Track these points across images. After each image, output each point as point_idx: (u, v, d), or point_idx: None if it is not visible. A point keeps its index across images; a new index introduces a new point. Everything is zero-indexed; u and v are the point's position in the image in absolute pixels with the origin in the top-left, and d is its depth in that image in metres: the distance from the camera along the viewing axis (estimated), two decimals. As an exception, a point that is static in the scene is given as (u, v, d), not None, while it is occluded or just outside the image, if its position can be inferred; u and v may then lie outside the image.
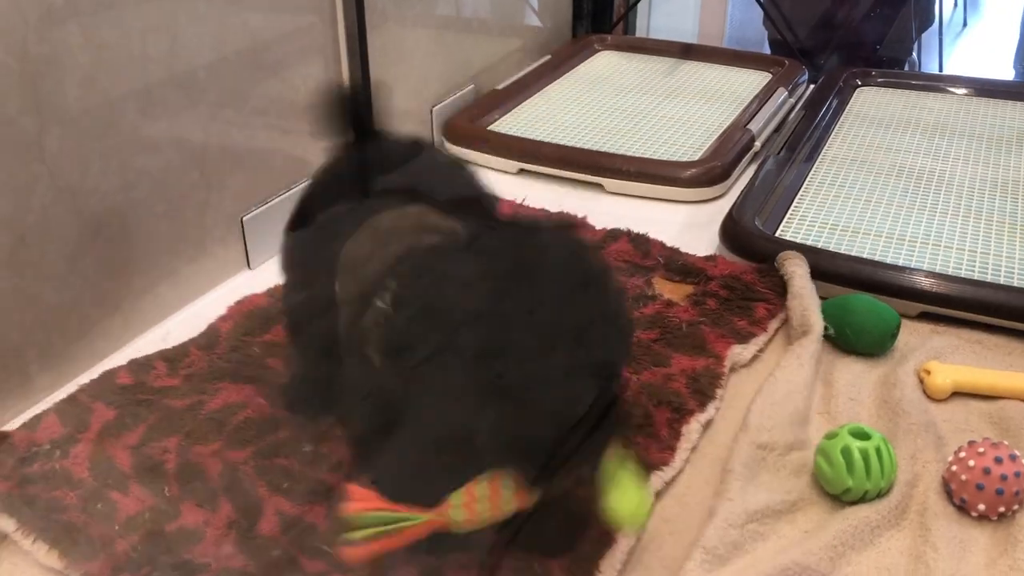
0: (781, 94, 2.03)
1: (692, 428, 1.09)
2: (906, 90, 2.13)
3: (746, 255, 1.42)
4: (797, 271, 1.33)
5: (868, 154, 1.79)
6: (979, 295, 1.25)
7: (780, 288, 1.34)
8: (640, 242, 1.48)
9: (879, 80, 2.17)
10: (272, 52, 1.45)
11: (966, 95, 2.08)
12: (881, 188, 1.65)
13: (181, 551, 0.92)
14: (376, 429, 0.78)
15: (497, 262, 0.69)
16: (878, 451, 0.98)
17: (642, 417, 1.10)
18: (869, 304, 1.24)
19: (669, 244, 1.49)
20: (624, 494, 0.73)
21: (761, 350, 1.25)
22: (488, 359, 0.65)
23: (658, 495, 1.01)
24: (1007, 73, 3.16)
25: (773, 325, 1.28)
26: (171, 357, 1.22)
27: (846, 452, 0.98)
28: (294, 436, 1.08)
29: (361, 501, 0.72)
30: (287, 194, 1.52)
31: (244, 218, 1.46)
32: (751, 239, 1.45)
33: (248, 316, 1.30)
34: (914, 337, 1.26)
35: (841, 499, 0.99)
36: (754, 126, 1.86)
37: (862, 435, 0.99)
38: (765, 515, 0.97)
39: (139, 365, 1.19)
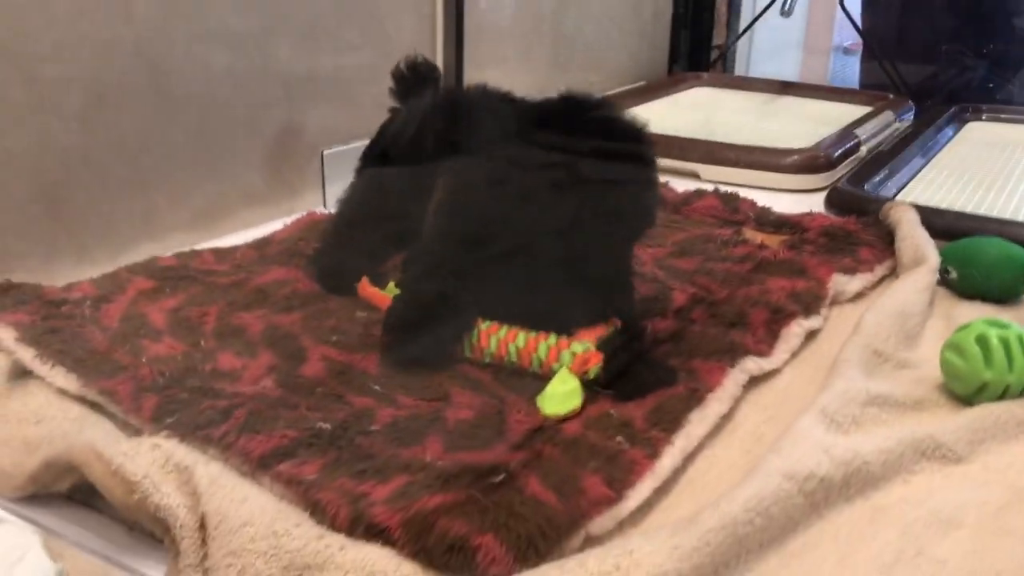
0: (889, 116, 1.94)
1: (793, 331, 0.96)
2: (1019, 124, 2.02)
3: (850, 213, 1.31)
4: (905, 215, 1.21)
5: (980, 164, 1.68)
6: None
7: (887, 239, 1.21)
8: (729, 199, 1.39)
9: (989, 115, 2.07)
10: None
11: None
12: (994, 188, 1.52)
13: (213, 383, 0.82)
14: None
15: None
16: (1020, 339, 0.83)
17: (734, 315, 0.98)
18: (1000, 245, 1.11)
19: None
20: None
21: (867, 288, 1.12)
22: None
23: (754, 382, 0.88)
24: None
25: (879, 270, 1.16)
26: (221, 251, 1.15)
27: (982, 340, 0.84)
28: (344, 305, 0.99)
29: None
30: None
31: (325, 152, 1.42)
32: (857, 199, 1.34)
33: (306, 227, 1.24)
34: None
35: (975, 400, 0.84)
36: (862, 133, 1.76)
37: (1000, 325, 0.86)
38: (888, 403, 0.83)
39: (186, 254, 1.13)
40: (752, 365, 0.88)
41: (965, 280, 1.11)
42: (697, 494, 0.72)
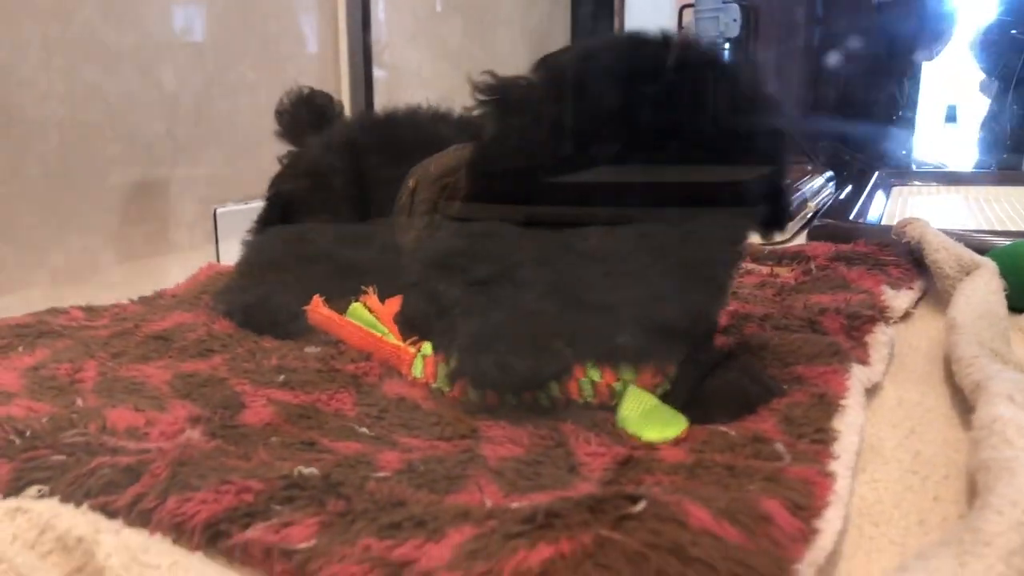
0: (820, 180, 1.85)
1: (879, 338, 0.75)
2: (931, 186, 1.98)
3: (842, 240, 1.14)
4: (927, 228, 1.04)
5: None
6: None
7: (908, 256, 1.04)
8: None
9: (914, 181, 2.02)
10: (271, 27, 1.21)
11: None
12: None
13: (104, 441, 0.52)
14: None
15: None
16: None
17: (802, 324, 0.76)
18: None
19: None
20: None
21: (913, 308, 0.93)
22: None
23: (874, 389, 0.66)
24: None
25: (917, 285, 0.97)
26: (95, 308, 0.85)
27: None
28: (283, 343, 0.71)
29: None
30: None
31: (219, 210, 1.14)
32: (847, 230, 1.18)
33: (208, 280, 0.96)
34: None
35: None
36: (805, 192, 1.64)
37: None
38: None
39: (44, 312, 0.83)
40: (860, 373, 0.65)
41: (1015, 288, 0.93)
42: (882, 527, 0.48)
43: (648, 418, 0.56)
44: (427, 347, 0.64)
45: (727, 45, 2.27)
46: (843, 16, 2.37)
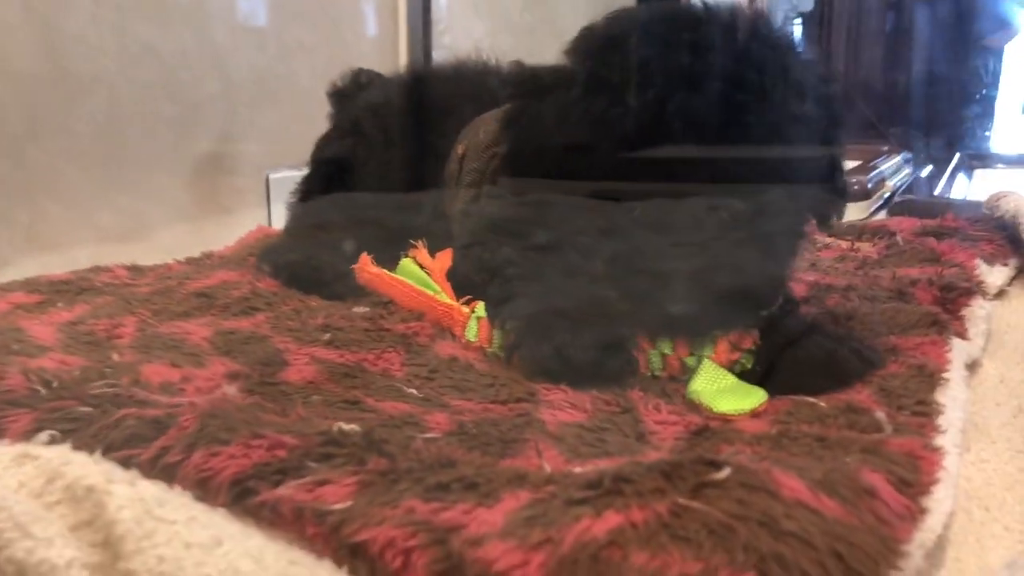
0: (897, 159, 1.76)
1: (977, 313, 0.68)
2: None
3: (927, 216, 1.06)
4: (1021, 202, 0.97)
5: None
6: None
7: (1001, 231, 0.96)
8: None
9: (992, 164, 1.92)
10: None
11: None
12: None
13: (135, 394, 0.49)
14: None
15: None
16: None
17: (890, 295, 0.69)
18: None
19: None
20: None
21: (1008, 285, 0.86)
22: None
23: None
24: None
25: (1013, 261, 0.89)
26: (139, 268, 0.82)
27: None
28: (329, 303, 0.67)
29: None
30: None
31: (271, 176, 1.11)
32: (932, 206, 1.10)
33: (257, 241, 0.92)
34: None
35: None
36: (884, 169, 1.56)
37: None
38: None
39: (87, 270, 0.80)
40: (960, 347, 0.59)
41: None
42: (993, 512, 0.42)
43: (723, 392, 0.50)
44: (481, 308, 0.59)
45: (798, 19, 2.18)
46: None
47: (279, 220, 1.06)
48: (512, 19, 1.72)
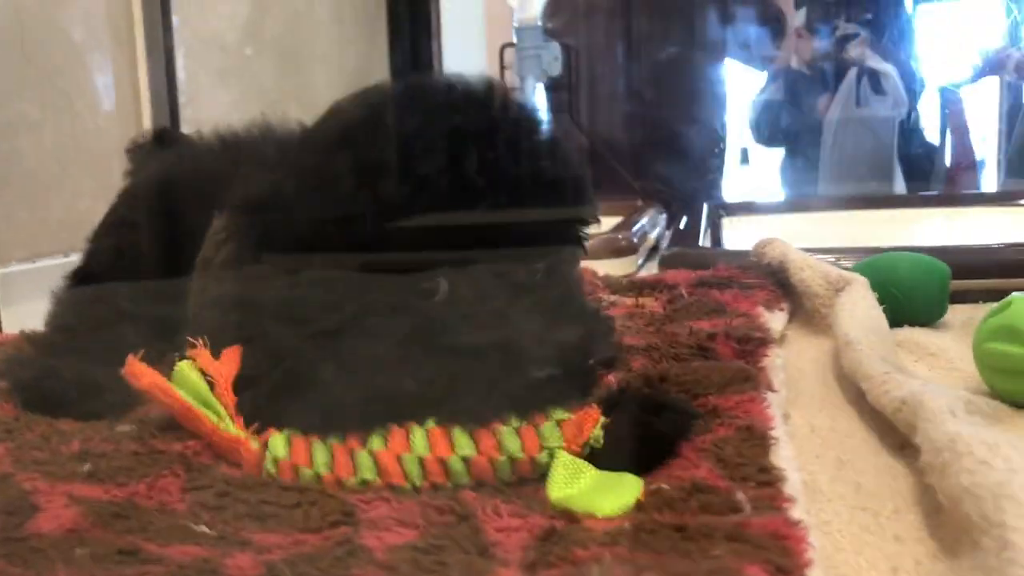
0: (654, 214, 1.84)
1: (776, 363, 0.69)
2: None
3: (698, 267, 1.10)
4: (787, 248, 1.02)
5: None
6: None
7: (770, 277, 1.00)
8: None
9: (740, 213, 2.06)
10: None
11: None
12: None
13: None
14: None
15: None
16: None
17: (693, 352, 0.69)
18: (913, 258, 0.94)
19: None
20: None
21: (786, 329, 0.89)
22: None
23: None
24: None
25: (786, 306, 0.93)
26: None
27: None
28: (88, 425, 0.57)
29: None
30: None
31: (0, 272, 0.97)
32: (699, 256, 1.15)
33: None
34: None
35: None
36: (645, 225, 1.62)
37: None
38: (974, 410, 0.57)
39: None
40: (773, 400, 0.59)
41: (884, 302, 0.91)
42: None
43: (595, 489, 0.46)
44: (277, 441, 0.50)
45: (544, 85, 2.25)
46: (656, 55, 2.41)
47: (12, 324, 0.92)
48: (262, 88, 1.65)
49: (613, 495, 0.44)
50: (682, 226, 1.56)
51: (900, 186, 2.89)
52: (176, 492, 0.46)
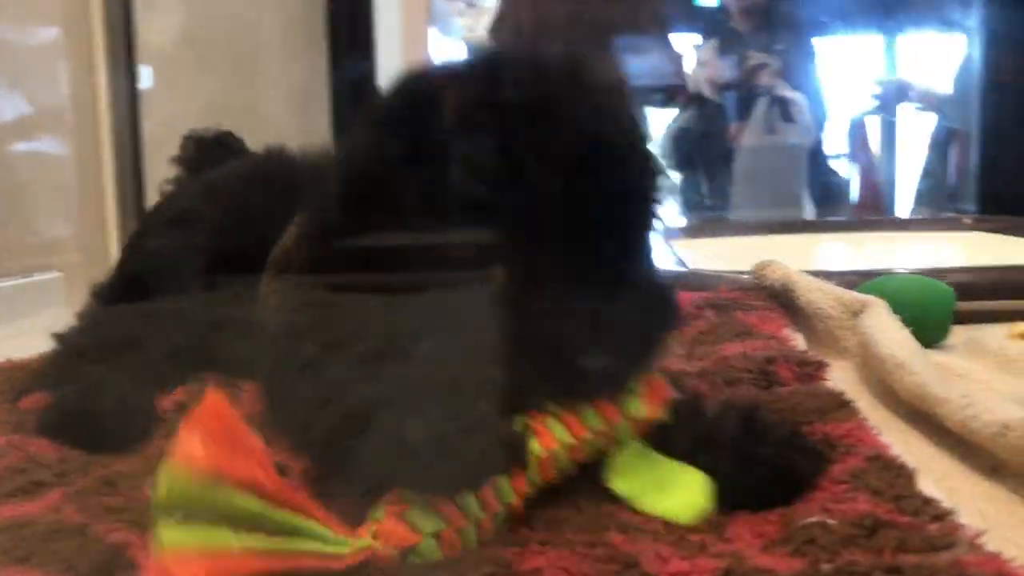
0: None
1: (838, 385, 0.68)
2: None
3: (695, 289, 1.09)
4: (789, 271, 1.02)
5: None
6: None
7: (772, 298, 1.00)
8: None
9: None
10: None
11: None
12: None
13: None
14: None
15: None
16: None
17: (750, 377, 0.67)
18: (921, 281, 0.95)
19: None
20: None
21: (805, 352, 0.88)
22: None
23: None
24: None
25: (797, 333, 0.93)
26: None
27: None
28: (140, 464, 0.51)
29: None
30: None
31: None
32: (692, 276, 1.14)
33: None
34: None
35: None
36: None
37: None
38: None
39: None
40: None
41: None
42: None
43: (656, 483, 0.46)
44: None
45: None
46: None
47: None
48: (214, 102, 1.57)
49: (683, 496, 0.45)
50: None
51: (810, 212, 2.98)
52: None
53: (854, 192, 3.19)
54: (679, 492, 0.46)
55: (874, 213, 3.13)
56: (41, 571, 0.39)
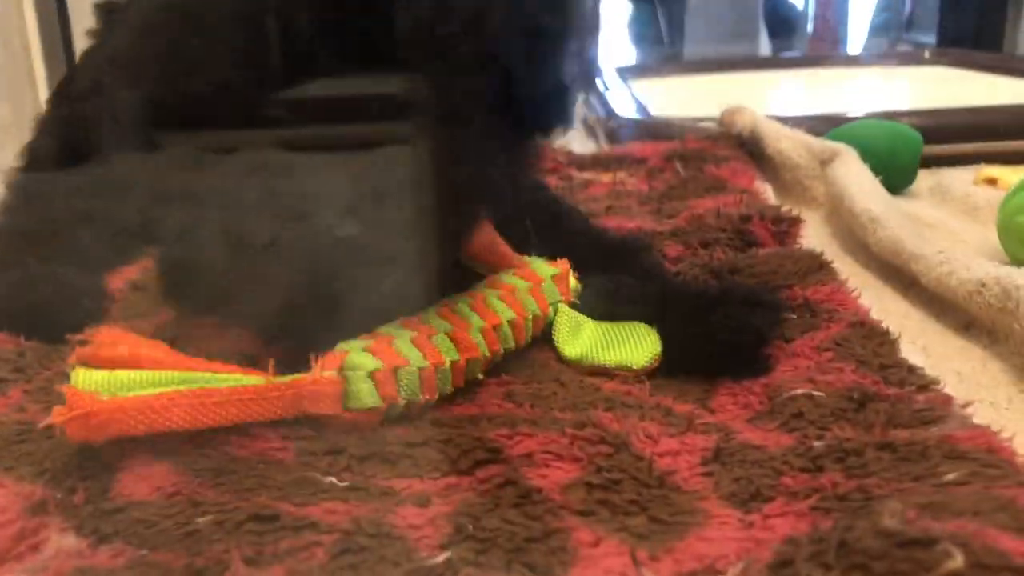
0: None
1: (811, 243, 0.67)
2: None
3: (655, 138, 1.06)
4: (758, 117, 1.00)
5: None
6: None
7: (739, 146, 0.98)
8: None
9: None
10: None
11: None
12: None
13: None
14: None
15: None
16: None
17: (726, 237, 0.66)
18: (889, 126, 0.93)
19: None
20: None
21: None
22: None
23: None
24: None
25: (765, 184, 0.91)
26: None
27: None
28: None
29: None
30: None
31: None
32: (653, 126, 1.11)
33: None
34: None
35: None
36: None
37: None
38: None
39: None
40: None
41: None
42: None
43: (609, 340, 0.49)
44: (357, 356, 0.41)
45: None
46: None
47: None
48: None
49: (634, 345, 0.47)
50: (609, 93, 1.49)
51: (765, 45, 2.92)
52: (276, 439, 0.40)
53: (810, 24, 3.12)
54: (630, 343, 0.48)
55: (829, 45, 3.07)
56: (12, 475, 0.37)
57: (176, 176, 0.49)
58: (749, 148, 0.97)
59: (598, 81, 1.61)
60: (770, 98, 1.75)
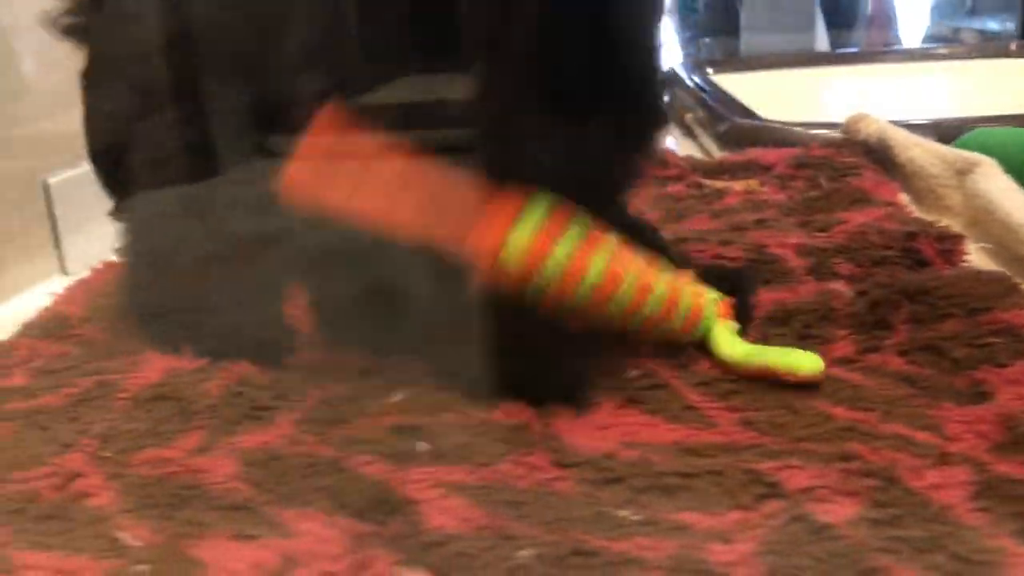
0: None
1: (978, 264, 0.68)
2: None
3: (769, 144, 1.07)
4: (885, 125, 1.00)
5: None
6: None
7: (867, 156, 0.98)
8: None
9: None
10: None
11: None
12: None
13: None
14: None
15: None
16: None
17: (895, 255, 0.67)
18: (1018, 134, 0.93)
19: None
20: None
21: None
22: None
23: None
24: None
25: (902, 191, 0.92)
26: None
27: None
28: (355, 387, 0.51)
29: None
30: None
31: (51, 181, 0.85)
32: (763, 131, 1.12)
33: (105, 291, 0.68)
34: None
35: None
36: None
37: None
38: None
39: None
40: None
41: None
42: None
43: (772, 351, 0.52)
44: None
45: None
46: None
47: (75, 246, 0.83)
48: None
49: (799, 356, 0.50)
50: (713, 91, 1.48)
51: (822, 36, 2.87)
52: (551, 468, 0.42)
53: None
54: (792, 354, 0.51)
55: (884, 34, 3.00)
56: (316, 508, 0.40)
57: None
58: (876, 156, 0.98)
59: (682, 76, 1.61)
60: (865, 99, 1.74)
